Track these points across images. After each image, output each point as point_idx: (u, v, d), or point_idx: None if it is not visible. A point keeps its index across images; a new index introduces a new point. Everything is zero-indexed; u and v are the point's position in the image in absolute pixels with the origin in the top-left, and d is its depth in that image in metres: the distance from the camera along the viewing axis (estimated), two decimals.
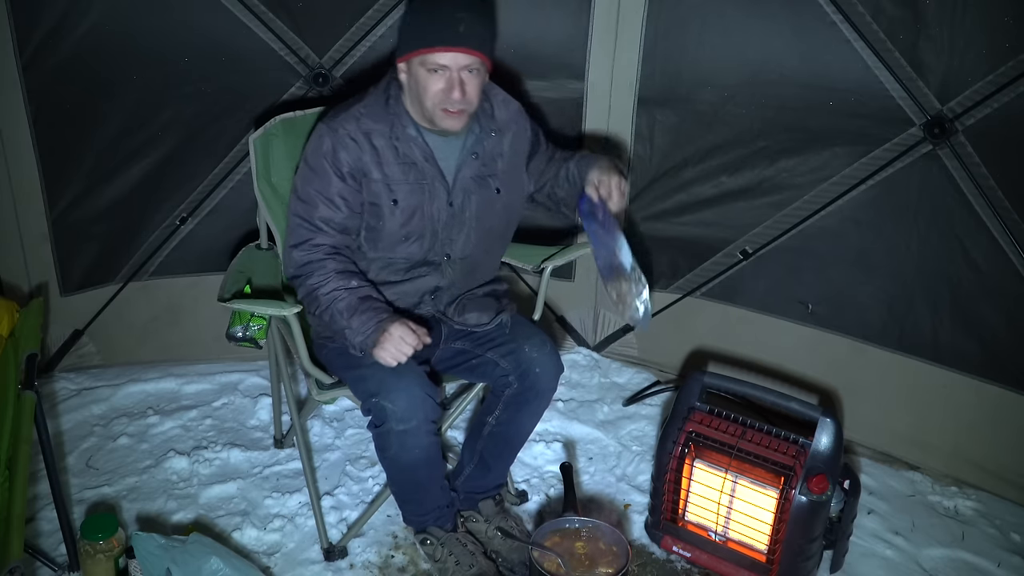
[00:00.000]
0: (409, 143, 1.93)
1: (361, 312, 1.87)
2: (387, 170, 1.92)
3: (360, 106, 1.94)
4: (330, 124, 1.93)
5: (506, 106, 2.04)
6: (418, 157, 1.93)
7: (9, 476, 1.64)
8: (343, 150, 1.90)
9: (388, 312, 1.90)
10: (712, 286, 2.74)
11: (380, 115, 1.93)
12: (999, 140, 2.14)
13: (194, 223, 2.72)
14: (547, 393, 2.06)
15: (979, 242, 2.24)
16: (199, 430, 2.61)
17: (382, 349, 1.84)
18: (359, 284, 1.92)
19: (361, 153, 1.91)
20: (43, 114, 2.46)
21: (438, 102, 1.86)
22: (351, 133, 1.91)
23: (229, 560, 1.92)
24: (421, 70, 1.84)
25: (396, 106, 1.94)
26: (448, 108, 1.86)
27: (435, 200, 1.95)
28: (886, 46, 2.19)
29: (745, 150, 2.51)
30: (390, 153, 1.92)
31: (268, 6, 2.45)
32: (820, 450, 1.95)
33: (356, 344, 1.88)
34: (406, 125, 1.93)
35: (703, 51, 2.45)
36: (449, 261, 2.01)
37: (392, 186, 1.92)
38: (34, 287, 2.64)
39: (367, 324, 1.86)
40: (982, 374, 2.34)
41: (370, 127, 1.92)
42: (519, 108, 2.08)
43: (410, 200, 1.94)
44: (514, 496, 2.35)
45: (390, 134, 1.92)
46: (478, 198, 1.99)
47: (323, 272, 1.91)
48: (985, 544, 2.25)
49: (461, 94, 1.84)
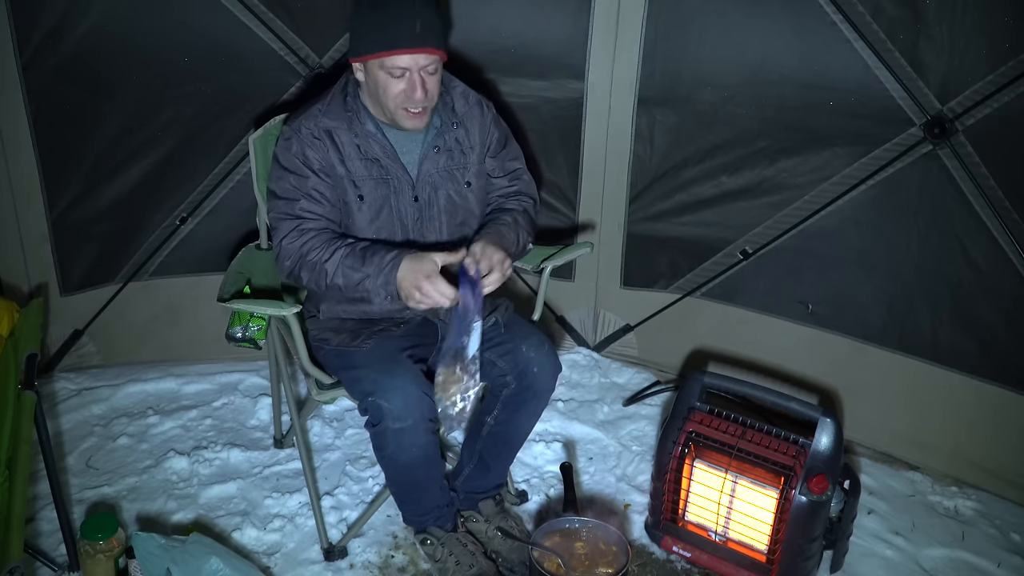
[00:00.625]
0: (368, 139, 1.94)
1: (371, 256, 1.85)
2: (350, 166, 1.93)
3: (319, 105, 1.96)
4: (292, 125, 1.95)
5: (465, 98, 2.04)
6: (379, 153, 1.94)
7: (9, 476, 1.64)
8: (310, 148, 1.92)
9: (397, 249, 1.87)
10: (712, 286, 2.74)
11: (339, 113, 1.94)
12: (999, 140, 2.14)
13: (194, 223, 2.72)
14: (545, 393, 2.06)
15: (979, 242, 2.24)
16: (199, 430, 2.61)
17: (420, 294, 1.79)
18: (356, 240, 1.93)
19: (327, 150, 1.93)
20: (43, 114, 2.46)
21: (400, 103, 1.87)
22: (313, 132, 1.93)
23: (229, 560, 1.92)
24: (380, 72, 1.85)
25: (354, 103, 1.95)
26: (411, 108, 1.87)
27: (400, 195, 1.96)
28: (886, 46, 2.19)
29: (745, 150, 2.51)
30: (352, 149, 1.94)
31: (268, 6, 2.45)
32: (820, 450, 1.95)
33: (379, 287, 1.84)
34: (364, 121, 1.94)
35: (703, 51, 2.45)
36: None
37: (357, 182, 1.94)
38: (34, 287, 2.64)
39: (384, 260, 1.83)
40: (982, 374, 2.34)
41: (329, 124, 1.93)
42: (478, 99, 2.07)
43: (375, 195, 1.95)
44: (514, 496, 2.35)
45: (349, 130, 1.93)
46: (446, 192, 2.00)
47: (318, 244, 1.90)
48: (985, 544, 2.25)
49: (423, 94, 1.86)
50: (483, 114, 2.06)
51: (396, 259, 1.83)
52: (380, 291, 1.85)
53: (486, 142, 2.07)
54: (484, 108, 2.07)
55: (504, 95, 2.60)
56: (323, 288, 1.92)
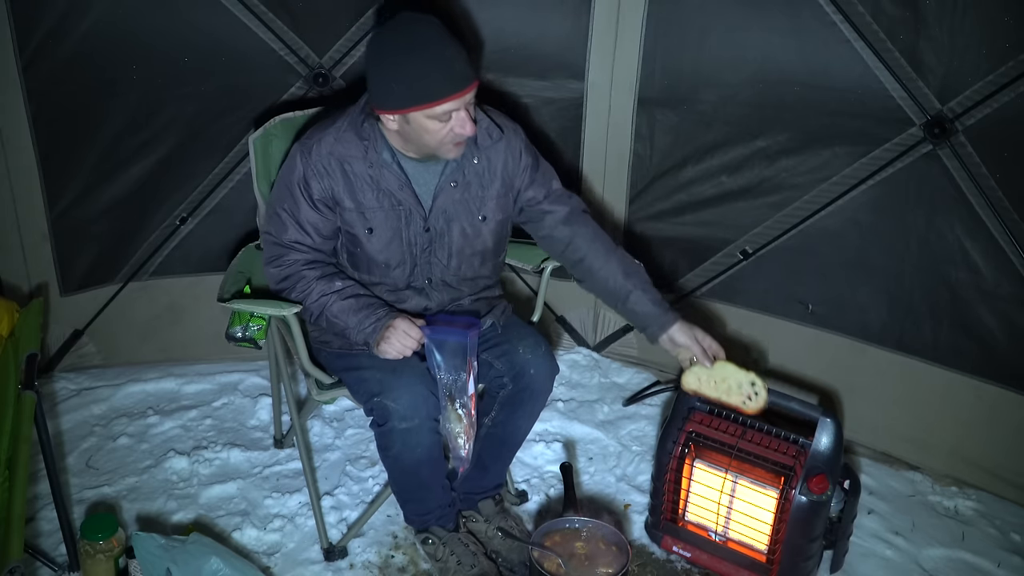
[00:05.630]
0: (383, 170, 1.88)
1: (356, 311, 1.87)
2: (360, 197, 1.89)
3: (334, 129, 1.89)
4: (304, 147, 1.89)
5: (489, 133, 1.95)
6: (393, 185, 1.89)
7: (9, 476, 1.64)
8: (314, 178, 1.87)
9: (384, 307, 1.91)
10: (712, 286, 2.74)
11: (353, 140, 1.87)
12: (999, 140, 2.14)
13: (194, 223, 2.72)
14: (542, 394, 2.05)
15: (979, 242, 2.24)
16: (199, 430, 2.61)
17: (387, 343, 1.84)
18: (343, 285, 1.92)
19: (332, 182, 1.87)
20: (43, 114, 2.46)
21: (448, 140, 1.81)
22: (324, 160, 1.87)
23: (229, 560, 1.92)
24: (425, 121, 1.77)
25: (371, 131, 1.87)
26: (458, 141, 1.83)
27: (411, 226, 1.92)
28: (886, 46, 2.19)
29: (745, 150, 2.51)
30: (364, 181, 1.88)
31: (268, 6, 2.45)
32: (820, 450, 1.95)
33: (359, 342, 1.88)
34: (380, 151, 1.88)
35: (703, 51, 2.45)
36: (431, 285, 2.00)
37: (366, 214, 1.89)
38: (34, 287, 2.64)
39: (366, 321, 1.86)
40: (982, 374, 2.34)
41: (343, 153, 1.87)
42: (514, 129, 2.00)
43: (386, 227, 1.91)
44: (514, 496, 2.35)
45: (364, 159, 1.87)
46: (459, 225, 1.95)
47: (304, 283, 1.91)
48: (985, 544, 2.25)
49: (473, 125, 1.81)
50: (509, 146, 1.98)
51: (380, 323, 1.86)
52: (358, 344, 1.90)
53: (511, 173, 1.99)
54: (511, 138, 1.99)
55: (504, 95, 2.60)
56: (303, 316, 1.96)
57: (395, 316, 1.87)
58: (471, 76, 1.78)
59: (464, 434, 1.89)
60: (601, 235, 2.07)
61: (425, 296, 2.01)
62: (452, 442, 1.90)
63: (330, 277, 1.92)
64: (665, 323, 1.98)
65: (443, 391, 1.86)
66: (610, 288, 2.03)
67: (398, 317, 1.86)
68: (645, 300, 2.00)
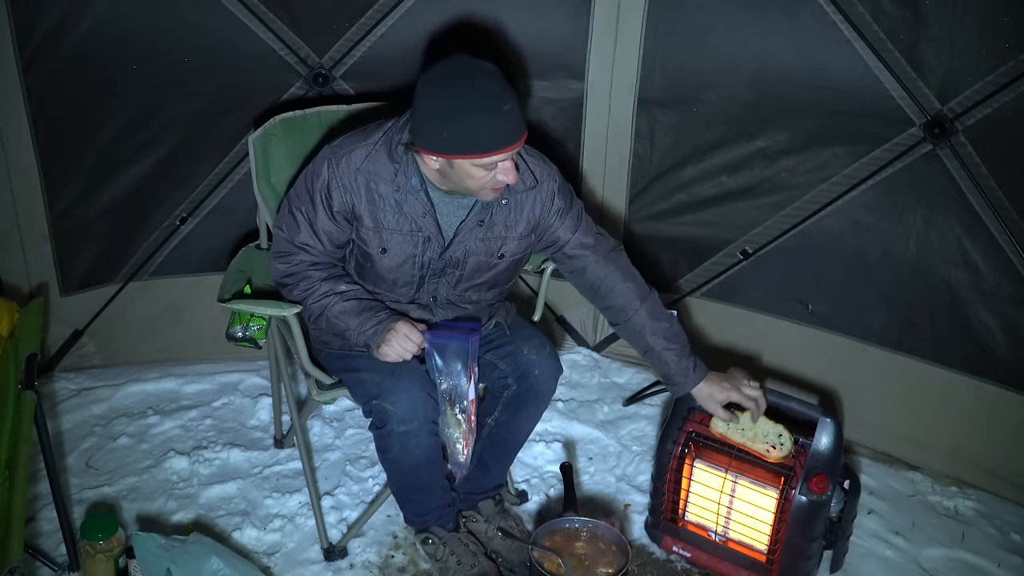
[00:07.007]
0: (409, 196, 1.84)
1: (358, 313, 1.87)
2: (380, 217, 1.85)
3: (367, 145, 1.84)
4: (334, 156, 1.84)
5: (523, 180, 1.89)
6: (418, 212, 1.85)
7: (9, 476, 1.64)
8: (337, 190, 1.83)
9: (386, 310, 1.91)
10: (712, 286, 2.74)
11: (384, 161, 1.82)
12: (999, 140, 2.14)
13: (194, 223, 2.72)
14: (546, 395, 2.05)
15: (979, 242, 2.24)
16: (199, 430, 2.61)
17: (387, 346, 1.84)
18: (347, 287, 1.91)
19: (355, 198, 1.84)
20: (43, 114, 2.46)
21: (488, 185, 1.78)
22: (351, 175, 1.83)
23: (229, 560, 1.92)
24: (471, 168, 1.73)
25: (404, 155, 1.82)
26: (498, 187, 1.80)
27: (427, 252, 1.89)
28: (886, 46, 2.19)
29: (745, 150, 2.51)
30: (388, 201, 1.84)
31: (268, 6, 2.45)
32: (820, 450, 1.95)
33: (359, 344, 1.88)
34: (410, 176, 1.84)
35: (703, 51, 2.45)
36: (436, 303, 1.99)
37: (383, 234, 1.86)
38: (34, 287, 2.64)
39: (367, 323, 1.86)
40: (982, 374, 2.34)
41: (372, 171, 1.82)
42: (550, 175, 1.95)
43: (400, 250, 1.88)
44: (514, 496, 2.35)
45: (392, 182, 1.83)
46: (476, 259, 1.93)
47: (308, 282, 1.91)
48: (985, 544, 2.25)
49: (516, 173, 1.77)
50: (540, 193, 1.92)
51: (381, 325, 1.85)
52: (358, 346, 1.89)
53: (539, 216, 1.94)
54: (545, 184, 1.93)
55: None
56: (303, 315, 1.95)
57: (397, 319, 1.86)
58: (524, 129, 1.74)
59: (463, 439, 1.88)
60: (629, 280, 2.00)
61: (428, 311, 2.00)
62: (451, 447, 1.89)
63: (335, 279, 1.92)
64: (686, 383, 1.97)
65: (443, 396, 1.86)
66: (636, 341, 2.01)
67: (400, 320, 1.86)
68: (668, 357, 1.97)
